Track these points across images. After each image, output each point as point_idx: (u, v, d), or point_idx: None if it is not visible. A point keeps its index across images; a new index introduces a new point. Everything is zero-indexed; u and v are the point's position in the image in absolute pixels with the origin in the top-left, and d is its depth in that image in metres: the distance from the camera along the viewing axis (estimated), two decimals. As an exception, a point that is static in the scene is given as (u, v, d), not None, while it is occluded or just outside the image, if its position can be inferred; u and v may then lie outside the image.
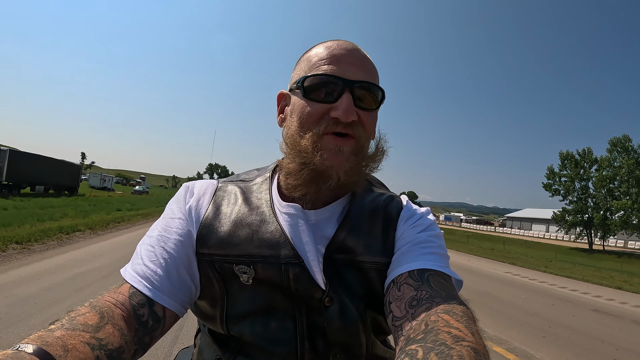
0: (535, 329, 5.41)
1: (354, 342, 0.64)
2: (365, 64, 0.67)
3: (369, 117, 0.67)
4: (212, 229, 0.66)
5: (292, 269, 0.62)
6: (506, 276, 11.14)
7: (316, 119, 0.64)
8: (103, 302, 0.54)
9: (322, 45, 0.68)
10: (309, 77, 0.65)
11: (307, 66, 0.68)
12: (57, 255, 7.42)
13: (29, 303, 4.33)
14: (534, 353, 4.31)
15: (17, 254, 7.11)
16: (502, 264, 14.74)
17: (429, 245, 0.64)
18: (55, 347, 0.41)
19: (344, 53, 0.65)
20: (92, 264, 6.74)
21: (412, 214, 0.72)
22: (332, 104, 0.63)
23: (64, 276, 5.70)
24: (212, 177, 6.15)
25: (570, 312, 6.78)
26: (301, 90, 0.66)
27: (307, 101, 0.65)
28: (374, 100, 0.67)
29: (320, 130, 0.63)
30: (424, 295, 0.54)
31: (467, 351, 0.40)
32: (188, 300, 0.64)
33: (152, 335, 0.58)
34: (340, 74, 0.63)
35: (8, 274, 5.60)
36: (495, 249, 24.30)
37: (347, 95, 0.63)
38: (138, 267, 0.61)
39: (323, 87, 0.64)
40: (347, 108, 0.62)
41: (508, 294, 8.08)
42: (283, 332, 0.62)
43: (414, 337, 0.47)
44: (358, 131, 0.65)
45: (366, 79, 0.65)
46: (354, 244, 0.65)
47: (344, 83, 0.63)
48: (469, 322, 0.47)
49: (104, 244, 9.31)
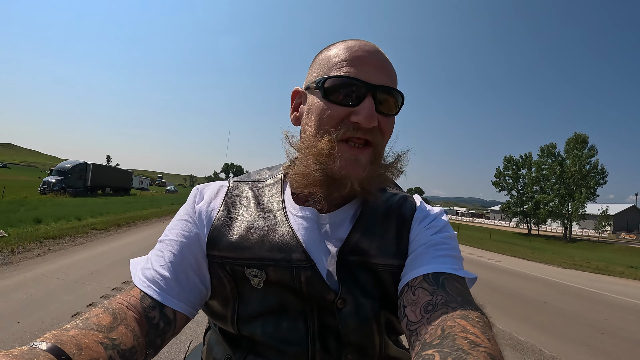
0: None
1: (367, 343, 0.63)
2: (387, 67, 0.65)
3: (388, 122, 0.66)
4: (223, 232, 0.66)
5: (304, 273, 0.61)
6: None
7: (336, 122, 0.63)
8: (116, 304, 0.55)
9: (343, 44, 0.66)
10: (330, 79, 0.63)
11: (327, 66, 0.65)
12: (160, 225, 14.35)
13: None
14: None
15: (130, 227, 11.88)
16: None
17: (443, 247, 0.64)
18: (69, 346, 0.42)
19: (366, 55, 0.64)
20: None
21: (426, 215, 0.71)
22: (353, 107, 0.62)
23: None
24: (228, 177, 3.95)
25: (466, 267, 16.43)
26: (321, 91, 0.64)
27: (327, 103, 0.63)
28: (394, 105, 0.65)
29: (339, 135, 0.62)
30: (439, 300, 0.53)
31: (484, 357, 0.40)
32: (198, 302, 0.65)
33: (163, 337, 0.59)
34: (362, 77, 0.62)
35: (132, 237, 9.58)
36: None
37: (370, 100, 0.61)
38: (147, 272, 0.62)
39: (344, 90, 0.62)
40: (369, 114, 0.60)
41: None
42: (294, 332, 0.62)
43: (430, 342, 0.46)
44: (376, 138, 0.64)
45: (388, 83, 0.64)
46: (367, 246, 0.65)
47: (367, 87, 0.61)
48: (485, 327, 0.47)
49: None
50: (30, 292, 4.42)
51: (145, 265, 0.64)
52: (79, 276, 5.25)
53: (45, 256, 6.49)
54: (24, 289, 4.53)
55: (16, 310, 3.79)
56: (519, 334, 4.53)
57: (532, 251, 20.98)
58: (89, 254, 6.99)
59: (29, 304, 4.01)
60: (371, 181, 0.65)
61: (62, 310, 3.88)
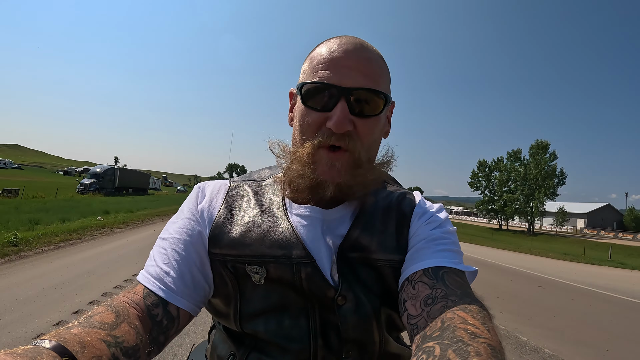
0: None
1: (367, 339, 0.64)
2: (368, 66, 0.63)
3: (368, 124, 0.63)
4: (224, 229, 0.66)
5: (304, 269, 0.62)
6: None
7: (314, 128, 0.63)
8: (119, 302, 0.55)
9: (325, 44, 0.65)
10: (306, 84, 0.63)
11: (308, 69, 0.65)
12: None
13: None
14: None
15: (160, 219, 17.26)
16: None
17: (442, 242, 0.64)
18: (72, 344, 0.42)
19: (342, 56, 0.62)
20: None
21: (426, 210, 0.71)
22: (328, 112, 0.61)
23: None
24: (232, 177, 4.73)
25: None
26: (301, 97, 0.64)
27: (306, 109, 0.64)
28: (375, 106, 0.63)
29: (316, 143, 0.62)
30: (439, 293, 0.54)
31: (484, 348, 0.40)
32: (202, 299, 0.65)
33: (166, 334, 0.59)
34: (336, 80, 0.61)
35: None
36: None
37: (342, 104, 0.60)
38: (151, 269, 0.62)
39: (319, 95, 0.62)
40: (339, 119, 0.60)
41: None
42: (297, 329, 0.62)
43: (430, 334, 0.47)
44: (352, 143, 0.62)
45: (365, 84, 0.61)
46: (367, 242, 0.65)
47: (339, 91, 0.60)
48: (484, 319, 0.47)
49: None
50: (130, 248, 8.05)
51: (149, 262, 0.64)
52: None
53: (132, 230, 11.73)
54: (127, 245, 8.36)
55: (121, 257, 6.79)
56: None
57: (487, 240, 25.42)
58: (158, 229, 12.21)
59: (125, 257, 6.92)
60: (353, 186, 0.65)
61: (141, 260, 6.32)
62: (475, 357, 0.38)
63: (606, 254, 21.21)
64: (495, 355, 0.40)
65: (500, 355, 0.41)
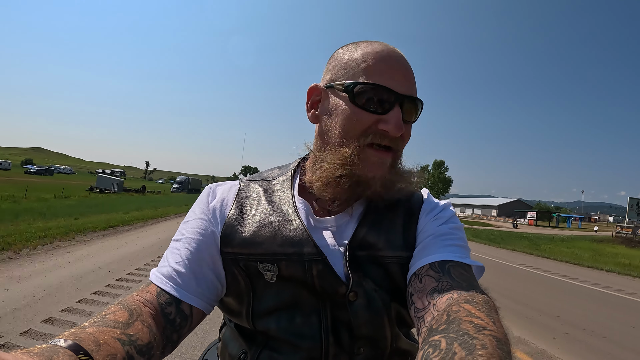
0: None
1: (379, 335, 0.64)
2: (412, 76, 0.66)
3: (409, 129, 0.68)
4: (235, 229, 0.67)
5: (315, 266, 0.62)
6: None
7: (364, 128, 0.64)
8: (132, 301, 0.56)
9: (370, 47, 0.66)
10: (360, 84, 0.63)
11: (354, 69, 0.65)
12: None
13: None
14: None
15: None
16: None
17: (450, 237, 0.65)
18: (87, 342, 0.43)
19: (394, 63, 0.64)
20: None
21: (433, 207, 0.72)
22: (382, 115, 0.63)
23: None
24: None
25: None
26: (350, 95, 0.64)
27: (355, 108, 0.64)
28: (415, 113, 0.67)
29: (366, 142, 0.63)
30: (445, 286, 0.55)
31: (490, 340, 0.40)
32: (214, 298, 0.66)
33: (180, 332, 0.60)
34: (392, 85, 0.63)
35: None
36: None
37: (398, 110, 0.63)
38: (164, 268, 0.63)
39: (374, 97, 0.63)
40: (398, 123, 0.62)
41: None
42: (308, 326, 0.63)
43: (436, 327, 0.46)
44: (399, 144, 0.66)
45: (414, 93, 0.65)
46: (374, 240, 0.66)
47: (396, 97, 0.63)
48: (490, 311, 0.47)
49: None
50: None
51: (162, 263, 0.65)
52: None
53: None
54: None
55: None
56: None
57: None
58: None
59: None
60: (392, 182, 0.67)
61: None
62: (481, 350, 0.38)
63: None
64: (501, 347, 0.40)
65: (506, 347, 0.40)
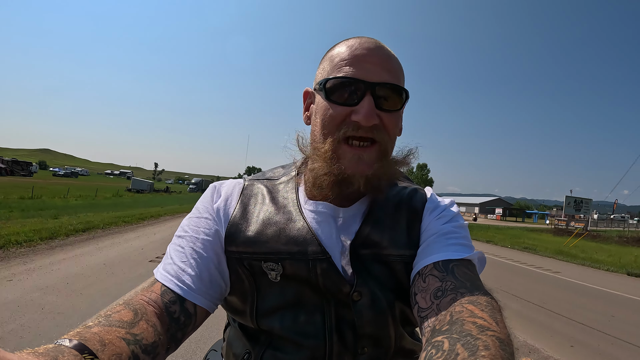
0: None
1: (383, 335, 0.64)
2: (389, 63, 0.65)
3: (391, 118, 0.65)
4: (240, 227, 0.67)
5: (319, 265, 0.62)
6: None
7: (338, 122, 0.64)
8: (136, 300, 0.56)
9: (345, 43, 0.67)
10: (330, 79, 0.64)
11: (329, 66, 0.67)
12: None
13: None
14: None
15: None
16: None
17: (453, 236, 0.65)
18: (92, 342, 0.43)
19: (365, 53, 0.64)
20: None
21: (437, 205, 0.72)
22: (354, 106, 0.63)
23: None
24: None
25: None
26: (323, 92, 0.65)
27: (329, 103, 0.65)
28: (397, 101, 0.65)
29: (340, 135, 0.63)
30: (448, 286, 0.54)
31: (492, 341, 0.40)
32: (218, 296, 0.66)
33: (184, 330, 0.60)
34: (361, 75, 0.62)
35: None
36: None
37: (369, 98, 0.62)
38: (169, 266, 0.63)
39: (344, 89, 0.63)
40: (367, 112, 0.61)
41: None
42: (312, 325, 0.63)
43: (439, 328, 0.47)
44: (380, 135, 0.64)
45: (389, 80, 0.64)
46: (378, 239, 0.66)
47: (365, 85, 0.62)
48: (493, 311, 0.47)
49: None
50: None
51: (166, 261, 0.65)
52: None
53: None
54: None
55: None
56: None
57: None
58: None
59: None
60: (381, 178, 0.65)
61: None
62: (483, 351, 0.38)
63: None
64: (504, 348, 0.40)
65: (509, 348, 0.40)
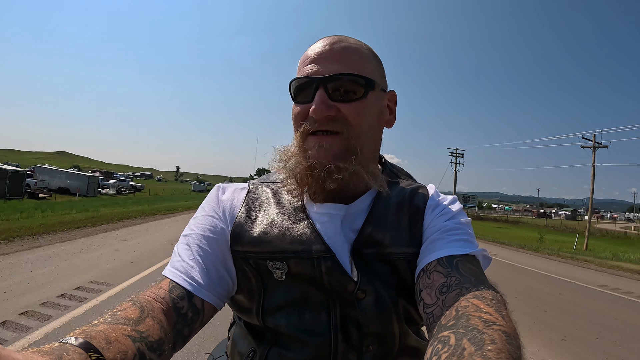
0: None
1: (387, 333, 0.65)
2: (343, 55, 0.65)
3: (352, 108, 0.65)
4: (245, 228, 0.68)
5: (324, 263, 0.63)
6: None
7: (301, 119, 0.67)
8: (143, 298, 0.57)
9: (309, 47, 0.69)
10: (292, 82, 0.68)
11: (297, 70, 0.70)
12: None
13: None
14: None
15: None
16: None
17: (457, 232, 0.65)
18: (98, 340, 0.43)
19: (319, 51, 0.66)
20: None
21: (439, 202, 0.72)
22: (310, 103, 0.65)
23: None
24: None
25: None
26: (291, 95, 0.69)
27: (295, 104, 0.68)
28: (356, 89, 0.65)
29: (302, 130, 0.66)
30: (453, 282, 0.55)
31: (499, 335, 0.40)
32: (226, 294, 0.67)
33: (191, 327, 0.60)
34: (312, 72, 0.65)
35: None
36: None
37: (319, 92, 0.64)
38: (177, 263, 0.64)
39: (302, 89, 0.66)
40: (316, 105, 0.63)
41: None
42: (317, 323, 0.64)
43: (445, 323, 0.47)
44: (339, 126, 0.64)
45: (341, 70, 0.64)
46: (380, 237, 0.66)
47: (316, 82, 0.64)
48: (498, 305, 0.47)
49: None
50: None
51: (174, 258, 0.66)
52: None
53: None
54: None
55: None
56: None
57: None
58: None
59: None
60: (341, 170, 0.63)
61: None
62: (490, 345, 0.38)
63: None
64: (510, 342, 0.40)
65: (515, 342, 0.41)
